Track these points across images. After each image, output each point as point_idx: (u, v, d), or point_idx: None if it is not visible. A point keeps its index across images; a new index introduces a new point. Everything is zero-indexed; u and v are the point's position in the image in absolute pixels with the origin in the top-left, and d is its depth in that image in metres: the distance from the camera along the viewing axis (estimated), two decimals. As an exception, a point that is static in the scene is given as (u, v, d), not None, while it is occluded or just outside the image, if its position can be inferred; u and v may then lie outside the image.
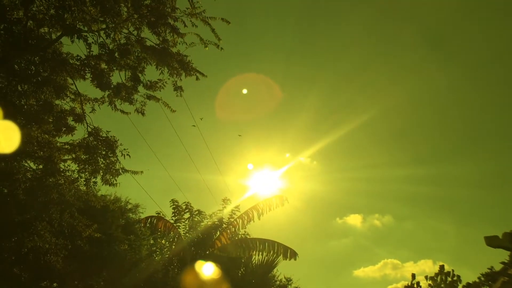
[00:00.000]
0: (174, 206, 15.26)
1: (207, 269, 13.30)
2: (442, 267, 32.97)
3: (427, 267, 64.45)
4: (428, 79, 58.70)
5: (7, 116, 11.56)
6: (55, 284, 15.15)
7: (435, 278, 32.86)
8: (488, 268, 33.90)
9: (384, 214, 65.15)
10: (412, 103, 61.53)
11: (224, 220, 15.30)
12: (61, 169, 12.75)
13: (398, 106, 59.65)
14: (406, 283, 33.89)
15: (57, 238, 13.30)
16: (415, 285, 33.01)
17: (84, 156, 12.75)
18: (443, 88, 61.83)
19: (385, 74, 62.85)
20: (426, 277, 33.49)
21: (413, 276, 33.55)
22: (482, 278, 33.75)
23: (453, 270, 32.76)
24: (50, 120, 12.40)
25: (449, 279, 32.57)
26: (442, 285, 32.59)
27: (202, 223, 15.28)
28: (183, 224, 15.17)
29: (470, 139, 65.72)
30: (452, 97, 62.21)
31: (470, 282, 33.04)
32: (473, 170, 63.59)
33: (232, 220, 15.12)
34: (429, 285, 33.03)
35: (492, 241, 11.34)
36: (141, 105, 12.82)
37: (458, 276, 32.58)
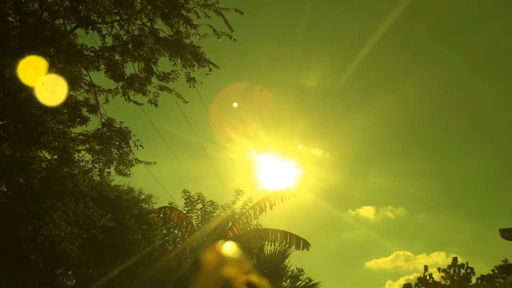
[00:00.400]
0: (186, 196, 15.41)
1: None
2: (455, 259, 32.65)
3: (440, 259, 64.08)
4: (445, 69, 57.83)
5: (22, 107, 11.76)
6: (70, 272, 15.44)
7: (448, 270, 32.59)
8: (502, 261, 33.55)
9: (397, 206, 64.76)
10: (429, 93, 60.74)
11: (236, 211, 15.40)
12: (76, 160, 12.89)
13: (414, 96, 58.99)
14: (418, 275, 33.67)
15: (72, 227, 13.50)
16: (428, 277, 32.83)
17: (98, 147, 12.88)
18: (460, 80, 60.99)
19: (400, 63, 62.13)
20: (439, 269, 33.19)
21: (426, 268, 33.34)
22: (496, 271, 33.42)
23: (467, 263, 32.43)
24: (65, 110, 12.53)
25: (463, 271, 32.24)
26: (455, 277, 32.29)
27: (214, 214, 15.40)
28: (195, 214, 15.31)
29: (486, 133, 64.76)
30: (470, 89, 61.33)
31: (484, 274, 32.68)
32: (489, 164, 62.90)
33: (244, 211, 15.20)
34: (442, 277, 32.75)
35: (507, 234, 11.26)
36: (154, 96, 12.89)
37: (472, 269, 32.23)
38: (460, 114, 63.81)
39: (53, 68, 11.88)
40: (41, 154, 12.94)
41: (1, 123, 12.14)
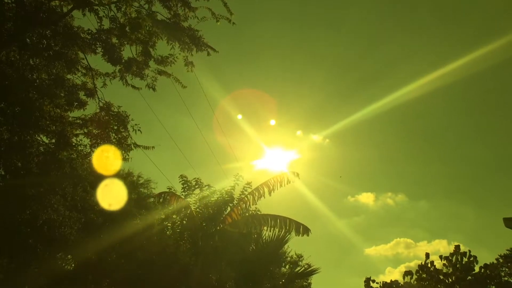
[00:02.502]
0: (183, 181, 15.37)
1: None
2: (457, 247, 32.47)
3: (441, 247, 64.12)
4: (447, 52, 56.86)
5: (19, 91, 11.69)
6: (69, 256, 15.44)
7: (450, 258, 32.44)
8: (507, 250, 33.24)
9: (397, 193, 64.65)
10: (431, 76, 59.94)
11: (234, 196, 15.33)
12: (74, 144, 12.82)
13: (415, 80, 58.26)
14: (419, 262, 33.62)
15: (70, 211, 13.46)
16: (429, 265, 32.75)
17: (96, 131, 12.81)
18: (465, 63, 60.11)
19: (402, 46, 61.32)
20: (440, 257, 33.07)
21: (427, 255, 33.25)
22: (501, 260, 33.16)
23: (469, 251, 32.23)
24: (62, 94, 12.46)
25: (465, 259, 32.08)
26: (458, 266, 32.13)
27: (212, 199, 15.33)
28: (193, 199, 15.27)
29: (492, 117, 64.10)
30: (475, 73, 60.49)
31: (488, 263, 32.38)
32: (494, 149, 62.48)
33: (243, 196, 15.14)
34: (444, 264, 32.64)
35: (511, 223, 11.13)
36: (152, 80, 12.79)
37: (475, 257, 32.04)
38: (465, 98, 63.25)
39: (49, 50, 11.79)
40: (38, 138, 12.87)
41: (-2, 106, 12.10)
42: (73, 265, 15.58)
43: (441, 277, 32.12)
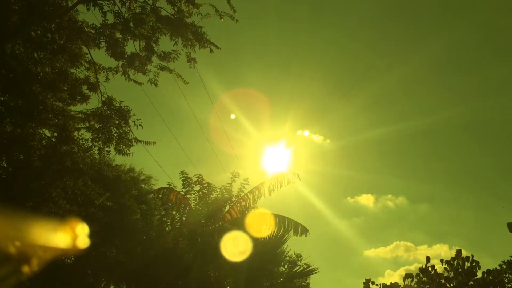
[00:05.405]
0: (184, 178, 15.41)
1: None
2: (459, 251, 32.19)
3: (442, 251, 63.63)
4: (448, 48, 56.21)
5: (23, 83, 11.76)
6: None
7: (452, 262, 32.17)
8: (511, 256, 32.89)
9: (397, 195, 64.13)
10: (433, 74, 59.41)
11: (233, 193, 15.36)
12: (75, 138, 12.88)
13: (416, 77, 57.76)
14: (419, 265, 33.30)
15: (71, 205, 13.52)
16: (430, 268, 32.51)
17: (98, 125, 12.87)
18: (466, 59, 59.59)
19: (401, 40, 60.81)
20: (441, 261, 32.74)
21: (428, 259, 32.97)
22: (504, 266, 32.85)
23: (472, 256, 31.91)
24: (65, 88, 12.52)
25: (467, 264, 31.79)
26: (460, 270, 31.85)
27: (212, 196, 15.36)
28: (193, 196, 15.30)
29: (496, 119, 63.36)
30: (478, 70, 59.88)
31: (491, 269, 32.04)
32: (497, 153, 62.03)
33: (243, 194, 15.16)
34: (445, 268, 32.36)
35: (515, 228, 11.08)
36: (154, 76, 12.85)
37: (477, 262, 31.70)
38: (466, 99, 62.66)
39: (54, 44, 11.86)
40: (41, 131, 12.94)
41: (2, 99, 12.18)
42: (72, 259, 15.66)
43: (442, 281, 31.84)
